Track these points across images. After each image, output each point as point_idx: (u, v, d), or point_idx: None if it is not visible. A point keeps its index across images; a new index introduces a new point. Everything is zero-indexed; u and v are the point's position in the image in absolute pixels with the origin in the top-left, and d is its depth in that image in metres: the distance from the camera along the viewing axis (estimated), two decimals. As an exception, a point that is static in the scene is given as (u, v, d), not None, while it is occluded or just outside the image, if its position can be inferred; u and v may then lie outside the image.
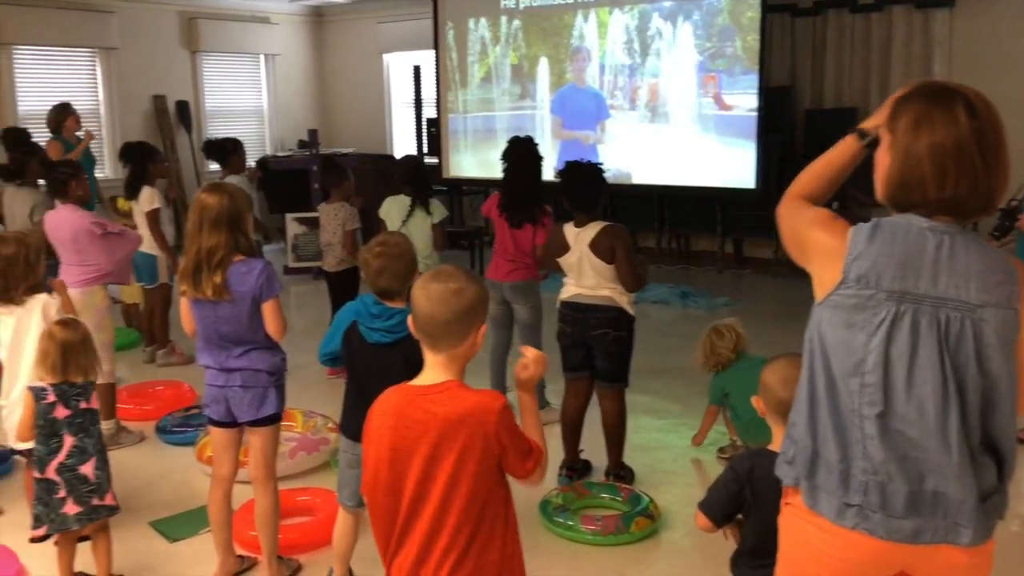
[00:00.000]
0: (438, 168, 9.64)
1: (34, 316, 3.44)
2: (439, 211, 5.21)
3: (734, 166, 7.88)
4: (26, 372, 3.44)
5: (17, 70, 9.15)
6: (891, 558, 1.72)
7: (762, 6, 7.60)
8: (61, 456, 3.07)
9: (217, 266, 2.94)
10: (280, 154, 10.93)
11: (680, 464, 4.40)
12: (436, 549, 1.90)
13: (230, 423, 3.14)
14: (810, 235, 1.78)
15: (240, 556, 3.36)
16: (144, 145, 6.13)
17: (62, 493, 3.06)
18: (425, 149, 9.99)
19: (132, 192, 5.83)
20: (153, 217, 5.74)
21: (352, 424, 2.92)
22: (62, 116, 7.07)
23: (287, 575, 3.33)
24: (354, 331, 2.84)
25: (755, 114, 7.70)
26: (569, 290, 4.01)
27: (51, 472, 3.08)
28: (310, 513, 3.74)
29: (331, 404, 4.86)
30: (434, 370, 1.93)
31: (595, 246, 3.85)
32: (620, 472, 4.07)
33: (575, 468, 4.13)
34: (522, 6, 9.02)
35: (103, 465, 3.13)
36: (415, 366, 2.56)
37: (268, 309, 3.01)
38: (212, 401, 3.13)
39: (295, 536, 3.48)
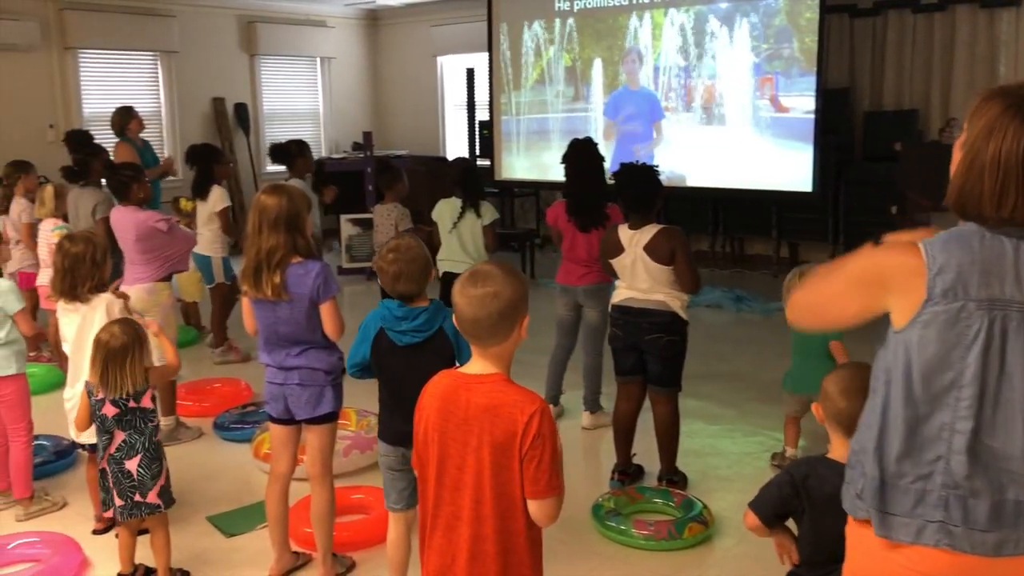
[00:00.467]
0: (490, 170, 9.66)
1: (98, 314, 3.53)
2: (490, 213, 5.22)
3: (790, 169, 7.77)
4: (88, 368, 3.53)
5: (82, 73, 9.40)
6: (974, 572, 1.67)
7: (820, 7, 7.47)
8: (111, 449, 3.16)
9: (276, 267, 2.98)
10: (335, 156, 11.06)
11: (734, 470, 4.35)
12: (463, 539, 1.97)
13: (289, 420, 3.19)
14: (883, 266, 1.68)
15: (295, 552, 3.41)
16: (209, 147, 6.34)
17: (110, 484, 3.15)
18: (477, 151, 10.04)
19: (199, 192, 6.01)
20: (224, 215, 5.95)
21: (389, 429, 2.95)
22: (126, 119, 7.25)
23: (341, 572, 3.36)
24: (382, 338, 2.86)
25: (812, 116, 7.58)
26: (621, 293, 3.99)
27: (104, 463, 3.18)
28: (364, 511, 3.77)
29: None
30: (482, 361, 1.99)
31: (651, 248, 3.82)
32: (673, 477, 4.04)
33: (627, 472, 4.10)
34: (576, 8, 9.00)
35: (149, 464, 3.14)
36: (447, 361, 2.59)
37: (326, 310, 3.05)
38: (271, 398, 3.18)
39: (349, 534, 3.51)
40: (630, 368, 4.03)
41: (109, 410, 3.15)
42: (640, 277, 3.88)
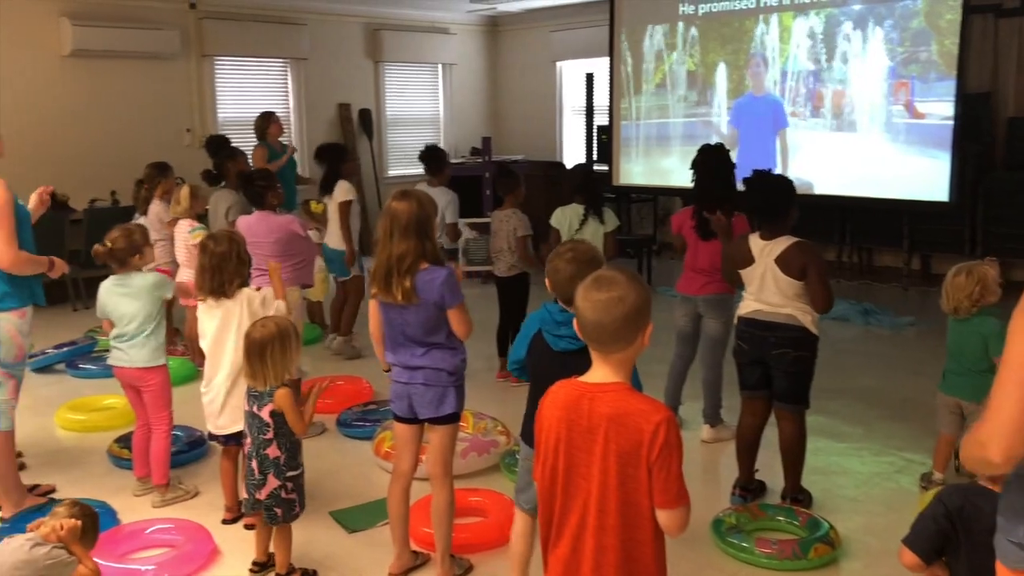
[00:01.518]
0: (608, 175, 9.61)
1: (240, 308, 3.68)
2: (612, 220, 5.19)
3: (924, 177, 7.43)
4: (227, 362, 3.67)
5: (218, 79, 9.82)
6: None
7: (963, 7, 7.13)
8: (246, 443, 3.28)
9: (407, 272, 3.02)
10: (453, 161, 11.19)
11: (862, 491, 4.17)
12: (588, 548, 1.95)
13: (412, 419, 3.23)
14: None
15: (415, 552, 3.44)
16: (336, 145, 6.65)
17: (245, 475, 3.27)
18: (595, 156, 9.99)
19: (327, 189, 6.28)
20: (345, 209, 6.16)
21: (531, 428, 2.93)
22: (266, 123, 7.58)
23: (459, 573, 3.38)
24: (539, 340, 2.84)
25: (951, 123, 7.23)
26: (748, 305, 3.88)
27: (244, 455, 3.28)
28: (482, 514, 3.79)
29: (500, 407, 4.95)
30: (603, 368, 1.96)
31: (783, 261, 3.70)
32: (798, 496, 3.90)
33: (749, 489, 3.99)
34: (701, 12, 8.86)
35: (267, 469, 3.20)
36: None
37: (454, 315, 3.09)
38: (396, 397, 3.23)
39: (467, 536, 3.53)
40: (755, 383, 3.92)
41: (246, 404, 3.26)
42: (769, 289, 3.76)
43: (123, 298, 3.93)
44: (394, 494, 3.33)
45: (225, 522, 3.84)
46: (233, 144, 7.18)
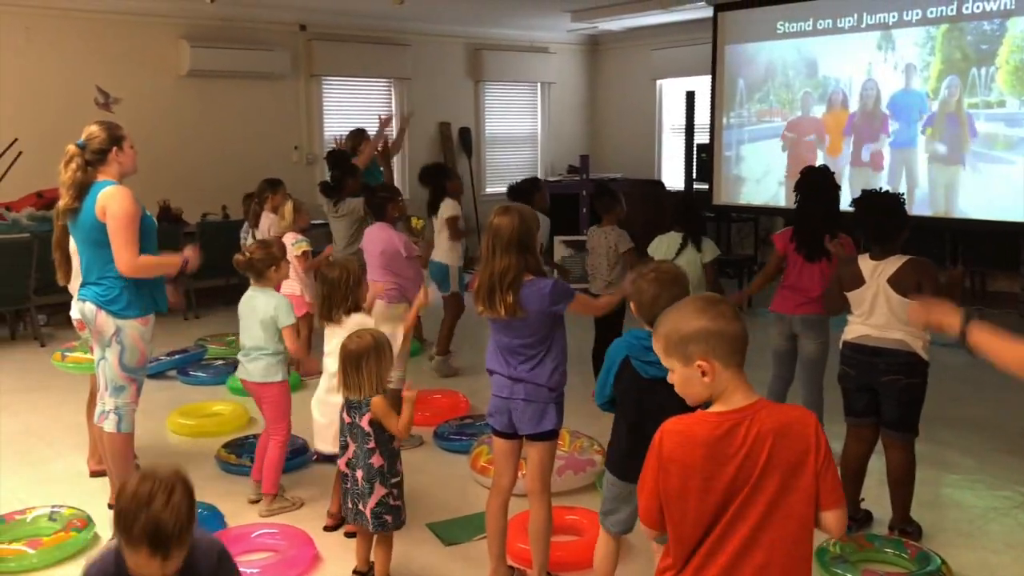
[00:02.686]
0: (708, 195, 9.49)
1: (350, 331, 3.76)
2: (711, 250, 5.13)
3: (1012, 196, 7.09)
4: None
5: (325, 98, 10.12)
6: None
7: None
8: (347, 455, 3.33)
9: (509, 287, 3.05)
10: (551, 179, 11.26)
11: (976, 526, 3.98)
12: (769, 570, 1.88)
13: (512, 434, 3.24)
14: None
15: (511, 567, 3.45)
16: (440, 165, 6.82)
17: (348, 486, 3.33)
18: (695, 175, 9.88)
19: (433, 209, 6.43)
20: (453, 223, 6.28)
21: (623, 463, 2.91)
22: (358, 141, 7.73)
23: None
24: (626, 367, 2.81)
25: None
26: (855, 330, 3.76)
27: (343, 466, 3.35)
28: (577, 533, 3.78)
29: (597, 426, 4.91)
30: (740, 391, 1.91)
31: (896, 281, 3.59)
32: (907, 528, 3.76)
33: (855, 518, 3.85)
34: (802, 28, 8.70)
35: (372, 478, 3.26)
36: (685, 408, 2.52)
37: (576, 308, 3.19)
38: (496, 412, 3.24)
39: (562, 554, 3.51)
40: (862, 410, 3.80)
41: (346, 417, 3.33)
42: (879, 312, 3.64)
43: (250, 314, 4.12)
44: (492, 508, 3.34)
45: (327, 528, 3.93)
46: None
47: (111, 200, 3.71)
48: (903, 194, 3.86)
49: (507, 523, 3.38)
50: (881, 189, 3.91)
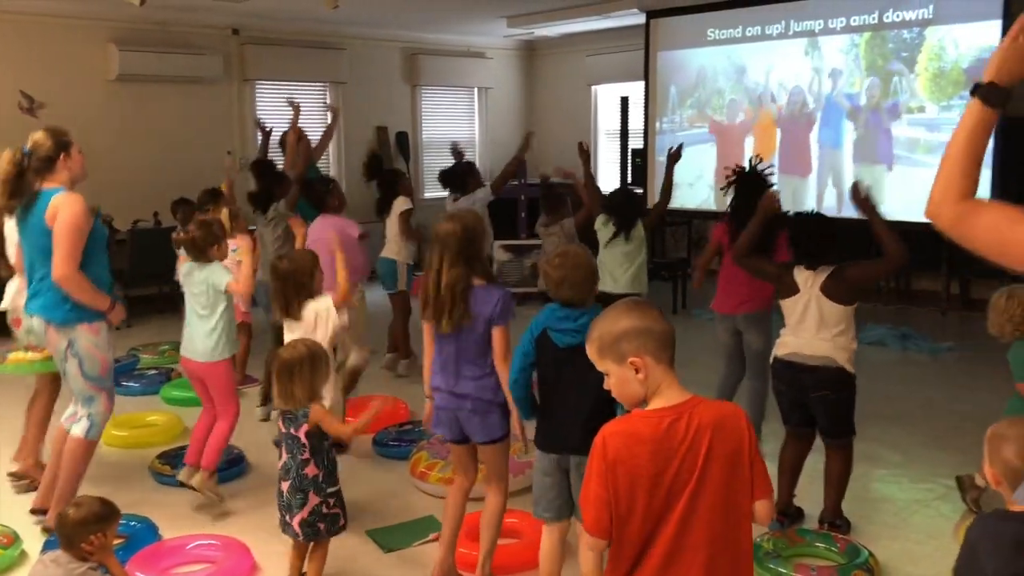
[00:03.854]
0: (643, 199, 9.62)
1: (309, 323, 3.77)
2: (639, 235, 5.31)
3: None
4: None
5: (258, 103, 10.00)
6: None
7: (1003, 32, 7.09)
8: (279, 463, 3.34)
9: (458, 299, 3.03)
10: (489, 183, 11.28)
11: (900, 518, 4.12)
12: (695, 563, 1.92)
13: (465, 440, 3.27)
14: None
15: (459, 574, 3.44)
16: (394, 170, 6.91)
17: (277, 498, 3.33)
18: (629, 179, 10.01)
19: (384, 210, 6.42)
20: (405, 218, 6.26)
21: (544, 434, 2.99)
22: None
23: None
24: (545, 340, 2.91)
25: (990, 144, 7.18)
26: (787, 344, 3.84)
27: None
28: (516, 535, 3.80)
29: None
30: (674, 387, 1.97)
31: (828, 287, 3.71)
32: (836, 521, 3.87)
33: (787, 514, 3.96)
34: (728, 36, 8.89)
35: (294, 492, 3.23)
36: (599, 372, 2.59)
37: (498, 334, 3.09)
38: (445, 422, 3.24)
39: (502, 557, 3.52)
40: (798, 420, 3.92)
41: (281, 426, 3.31)
42: (808, 324, 3.74)
43: (193, 286, 4.11)
44: (452, 499, 3.39)
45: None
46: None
47: (63, 206, 3.66)
48: (823, 215, 4.00)
49: (463, 514, 3.39)
50: (813, 212, 4.06)
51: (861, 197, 3.74)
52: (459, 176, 6.72)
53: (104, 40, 8.78)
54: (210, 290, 4.06)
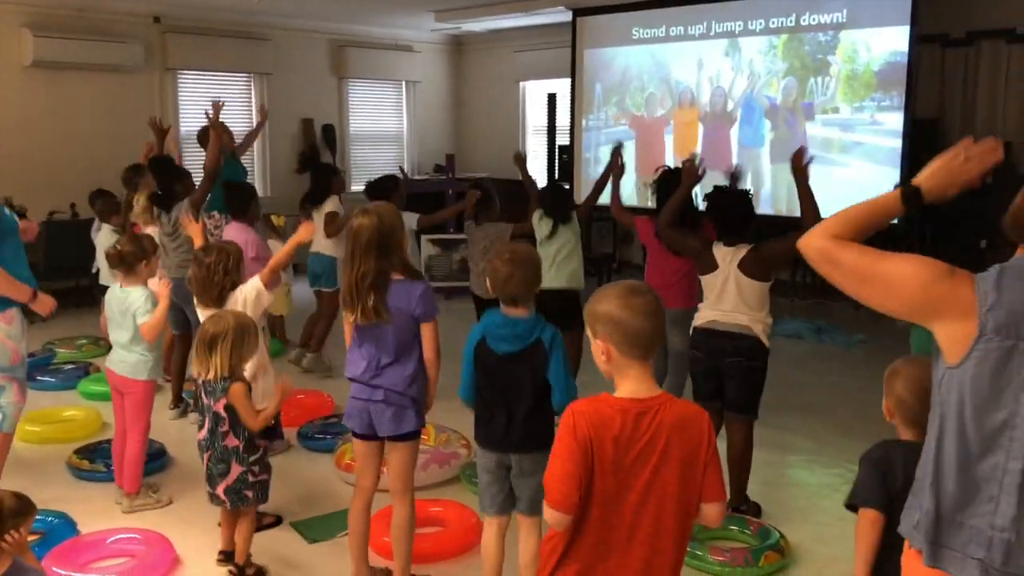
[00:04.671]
0: (569, 194, 9.74)
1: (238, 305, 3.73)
2: (573, 223, 5.46)
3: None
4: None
5: (180, 93, 9.81)
6: None
7: (910, 37, 7.40)
8: (199, 436, 3.37)
9: (371, 289, 3.04)
10: (417, 177, 11.29)
11: (811, 502, 4.30)
12: (636, 559, 1.99)
13: (372, 436, 3.24)
14: (935, 291, 1.67)
15: (373, 568, 3.45)
16: (329, 165, 6.89)
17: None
18: (556, 175, 10.12)
19: (316, 201, 6.40)
20: (331, 218, 6.22)
21: (484, 434, 3.03)
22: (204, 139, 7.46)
23: None
24: (483, 346, 2.95)
25: (899, 145, 7.49)
26: (705, 316, 4.01)
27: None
28: (442, 524, 3.86)
29: (462, 420, 5.00)
30: (645, 382, 2.00)
31: (745, 264, 3.86)
32: (742, 507, 4.02)
33: (702, 499, 4.09)
34: (655, 35, 9.07)
35: (216, 462, 3.30)
36: (540, 374, 2.61)
37: (427, 330, 3.13)
38: (356, 414, 3.22)
39: (428, 545, 3.59)
40: (708, 394, 4.04)
41: (203, 397, 3.32)
42: (729, 296, 3.90)
43: (120, 310, 4.03)
44: (355, 509, 3.34)
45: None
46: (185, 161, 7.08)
47: None
48: (751, 190, 4.12)
49: (369, 523, 3.39)
50: (728, 186, 4.17)
51: (802, 162, 3.89)
52: (386, 190, 6.68)
53: (18, 25, 8.51)
54: (127, 314, 4.00)
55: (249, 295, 3.76)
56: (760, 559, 3.51)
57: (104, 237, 6.74)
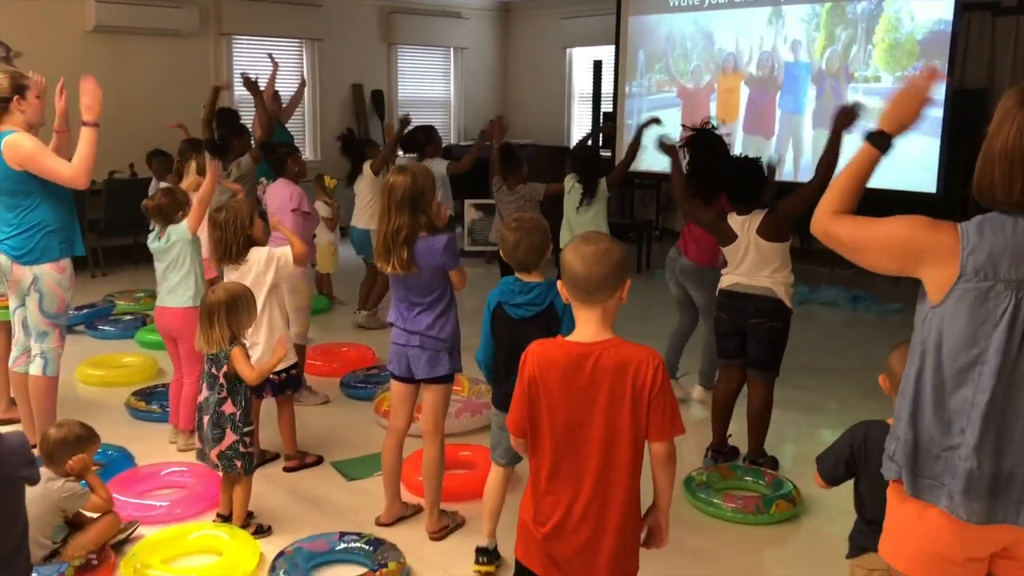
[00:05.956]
0: (612, 161, 9.84)
1: (255, 267, 3.95)
2: (602, 193, 5.55)
3: (915, 169, 7.65)
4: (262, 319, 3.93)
5: (235, 58, 10.09)
6: (978, 538, 1.80)
7: (956, 3, 7.35)
8: (199, 397, 3.57)
9: (403, 243, 3.25)
10: (463, 143, 11.47)
11: (829, 458, 4.43)
12: (586, 488, 2.16)
13: (408, 379, 3.48)
14: (921, 241, 1.82)
15: (405, 503, 3.71)
16: (365, 142, 7.10)
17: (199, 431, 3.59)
18: (600, 142, 10.22)
19: (353, 178, 6.64)
20: (375, 162, 6.48)
21: (500, 394, 3.19)
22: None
23: (449, 526, 3.62)
24: (500, 311, 3.11)
25: (940, 115, 7.46)
26: (728, 279, 4.14)
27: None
28: (470, 467, 4.08)
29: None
30: (590, 326, 2.17)
31: (763, 230, 3.98)
32: (759, 460, 4.17)
33: (721, 451, 4.26)
34: (697, 3, 9.08)
35: (212, 427, 3.46)
36: (552, 335, 2.83)
37: (454, 275, 3.37)
38: (395, 357, 3.48)
39: (457, 485, 3.81)
40: (732, 352, 4.18)
41: (205, 365, 3.53)
42: (750, 259, 4.02)
43: (165, 248, 4.28)
44: (388, 447, 3.59)
45: (287, 470, 4.13)
46: (244, 121, 7.39)
47: (18, 147, 3.83)
48: (760, 158, 4.21)
49: (401, 461, 3.63)
50: (744, 155, 4.27)
51: (850, 114, 3.86)
52: (417, 143, 6.89)
53: (80, -9, 8.83)
54: (180, 242, 4.23)
55: (262, 257, 3.94)
56: (772, 507, 3.68)
57: (160, 195, 7.08)
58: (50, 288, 3.97)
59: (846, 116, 3.87)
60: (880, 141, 1.95)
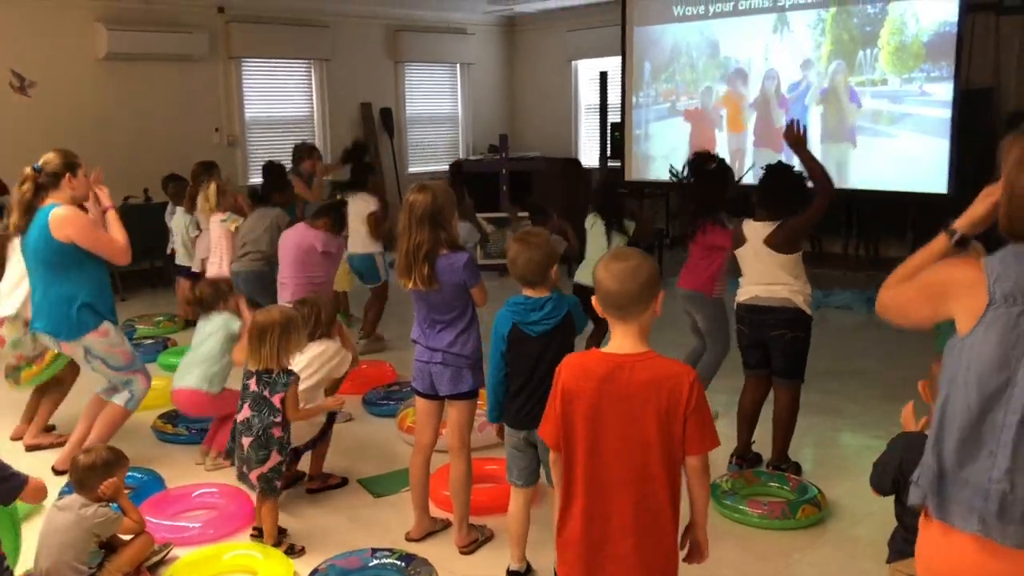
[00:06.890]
0: (620, 172, 9.91)
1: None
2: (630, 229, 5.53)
3: (925, 170, 7.68)
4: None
5: (245, 80, 10.19)
6: (1009, 563, 1.80)
7: (960, 4, 7.38)
8: (239, 417, 3.62)
9: (424, 259, 3.29)
10: (472, 158, 11.54)
11: (851, 460, 4.46)
12: (625, 501, 2.19)
13: (433, 395, 3.52)
14: (946, 278, 1.88)
15: (434, 518, 3.74)
16: (370, 165, 7.16)
17: (234, 446, 3.69)
18: (608, 153, 10.27)
19: (345, 188, 6.71)
20: (374, 220, 6.54)
21: (515, 414, 3.19)
22: (304, 154, 7.77)
23: (479, 539, 3.64)
24: (517, 332, 3.11)
25: (948, 115, 7.49)
26: (747, 291, 4.15)
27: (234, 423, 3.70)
28: (496, 480, 4.09)
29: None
30: (627, 339, 2.21)
31: (771, 241, 4.00)
32: (783, 465, 4.19)
33: (745, 458, 4.28)
34: (700, 12, 9.15)
35: (257, 449, 3.53)
36: (572, 340, 2.81)
37: (475, 292, 3.40)
38: (418, 375, 3.52)
39: (484, 499, 3.84)
40: (756, 363, 4.21)
41: (252, 384, 3.59)
42: (763, 272, 4.04)
43: (204, 337, 4.48)
44: (415, 464, 3.63)
45: (310, 491, 4.17)
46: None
47: (68, 223, 3.92)
48: (793, 166, 4.22)
49: (428, 477, 3.67)
50: (781, 163, 4.24)
51: (796, 135, 4.00)
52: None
53: (91, 19, 8.93)
54: (220, 332, 4.40)
55: (315, 351, 4.04)
56: (797, 512, 3.70)
57: (179, 220, 7.17)
58: (105, 351, 4.10)
59: (792, 136, 4.01)
60: (963, 241, 2.03)
